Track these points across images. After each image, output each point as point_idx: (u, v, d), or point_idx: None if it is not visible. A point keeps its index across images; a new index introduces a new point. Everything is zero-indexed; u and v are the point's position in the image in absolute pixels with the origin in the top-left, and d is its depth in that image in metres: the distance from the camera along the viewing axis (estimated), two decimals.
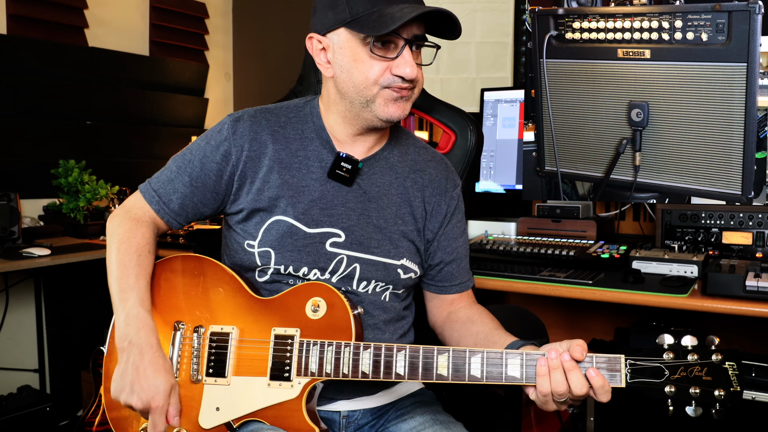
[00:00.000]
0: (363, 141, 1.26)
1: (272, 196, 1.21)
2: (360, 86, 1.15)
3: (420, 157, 1.34)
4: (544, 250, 1.91)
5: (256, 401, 1.14)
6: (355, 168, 1.23)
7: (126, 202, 1.29)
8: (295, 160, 1.23)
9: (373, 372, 1.08)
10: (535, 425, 2.47)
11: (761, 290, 1.49)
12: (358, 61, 1.14)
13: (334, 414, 1.25)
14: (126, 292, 1.16)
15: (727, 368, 0.95)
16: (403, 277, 1.28)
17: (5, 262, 2.17)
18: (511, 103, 2.36)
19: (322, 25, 1.18)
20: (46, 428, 2.60)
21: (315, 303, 1.15)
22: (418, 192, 1.30)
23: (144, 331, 1.12)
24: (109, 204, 2.82)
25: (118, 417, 1.23)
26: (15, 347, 2.80)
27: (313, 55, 1.22)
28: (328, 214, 1.22)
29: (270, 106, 1.29)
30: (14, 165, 2.74)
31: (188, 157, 1.25)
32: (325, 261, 1.22)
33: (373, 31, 1.10)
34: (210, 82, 3.67)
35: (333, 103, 1.23)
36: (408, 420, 1.25)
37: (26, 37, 2.76)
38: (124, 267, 1.18)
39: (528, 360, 1.02)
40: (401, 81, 1.14)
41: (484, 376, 1.03)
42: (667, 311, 2.09)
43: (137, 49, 3.28)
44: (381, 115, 1.17)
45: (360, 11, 1.12)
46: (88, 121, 3.04)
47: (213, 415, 1.16)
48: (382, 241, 1.25)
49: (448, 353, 1.05)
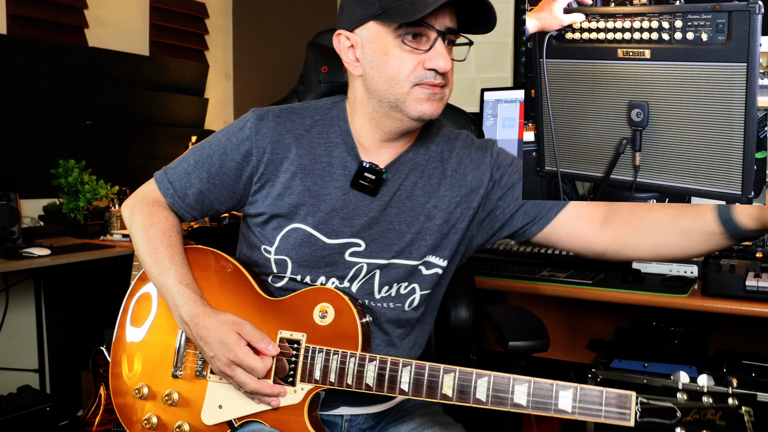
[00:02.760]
0: (390, 147, 1.19)
1: (293, 203, 1.17)
2: (391, 82, 1.08)
3: (447, 146, 1.24)
4: (544, 250, 1.91)
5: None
6: (380, 178, 1.16)
7: (140, 190, 1.26)
8: (317, 166, 1.18)
9: (377, 385, 1.06)
10: (535, 426, 2.47)
11: (761, 290, 1.49)
12: (389, 55, 1.08)
13: (336, 417, 1.24)
14: (163, 275, 1.16)
15: (743, 414, 0.92)
16: (426, 273, 1.21)
17: (5, 262, 2.17)
18: (511, 103, 2.36)
19: (350, 20, 1.12)
20: (46, 428, 2.60)
21: (323, 309, 1.13)
22: (447, 180, 1.21)
23: (188, 306, 1.13)
24: (109, 204, 2.82)
25: (124, 403, 1.25)
26: (15, 347, 2.79)
27: (340, 53, 1.15)
28: (349, 224, 1.17)
29: (296, 106, 1.23)
30: (14, 165, 2.74)
31: (207, 152, 1.21)
32: (343, 270, 1.18)
33: (404, 17, 1.04)
34: (210, 82, 3.67)
35: (360, 105, 1.17)
36: (408, 421, 1.24)
37: (26, 37, 2.76)
38: (155, 251, 1.18)
39: (536, 388, 0.98)
40: (434, 76, 1.08)
41: (489, 401, 0.99)
42: (667, 311, 2.09)
43: (137, 49, 3.28)
44: (412, 113, 1.10)
45: (390, 2, 1.06)
46: (88, 121, 3.04)
47: (215, 412, 1.17)
48: (402, 244, 1.19)
49: (454, 373, 1.01)
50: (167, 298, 1.17)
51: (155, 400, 1.22)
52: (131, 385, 1.24)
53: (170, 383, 1.21)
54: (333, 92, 1.71)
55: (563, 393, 0.96)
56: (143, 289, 1.29)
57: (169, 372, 1.22)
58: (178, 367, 1.21)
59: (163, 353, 1.23)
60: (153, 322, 1.26)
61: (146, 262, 1.19)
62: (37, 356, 2.87)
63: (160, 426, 1.20)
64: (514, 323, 1.61)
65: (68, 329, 2.92)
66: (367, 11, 1.09)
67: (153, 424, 1.20)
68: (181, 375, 1.21)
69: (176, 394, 1.20)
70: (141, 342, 1.26)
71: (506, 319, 1.63)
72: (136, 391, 1.23)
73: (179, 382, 1.21)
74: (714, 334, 2.09)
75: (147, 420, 1.21)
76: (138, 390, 1.23)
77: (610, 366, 1.95)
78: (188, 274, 1.18)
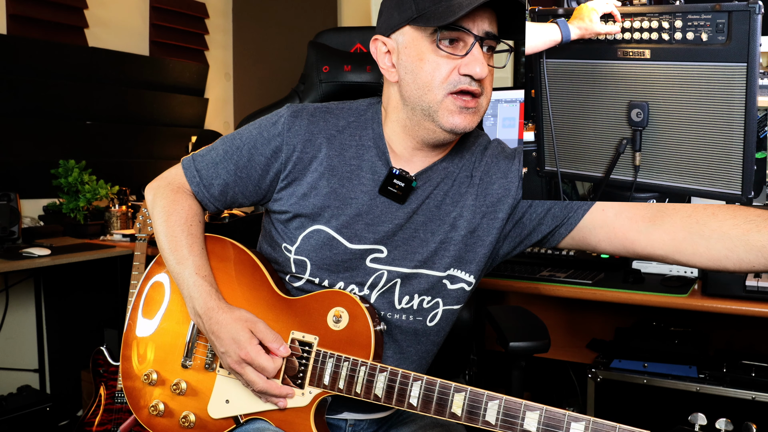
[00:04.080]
0: (422, 156, 1.15)
1: (318, 204, 1.14)
2: (424, 88, 1.05)
3: (479, 154, 1.19)
4: (544, 250, 1.91)
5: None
6: (409, 186, 1.12)
7: (166, 174, 1.25)
8: (347, 169, 1.15)
9: (385, 397, 1.05)
10: None
11: (761, 290, 1.49)
12: (423, 60, 1.04)
13: (340, 422, 1.23)
14: (180, 264, 1.16)
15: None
16: (451, 287, 1.17)
17: (5, 262, 2.17)
18: (511, 103, 2.36)
19: (387, 26, 1.10)
20: (46, 428, 2.60)
21: (337, 314, 1.11)
22: (473, 189, 1.17)
23: (203, 298, 1.13)
24: (109, 204, 2.82)
25: (132, 387, 1.26)
26: (15, 347, 2.80)
27: (377, 59, 1.12)
28: (373, 231, 1.14)
29: (331, 106, 1.20)
30: (14, 165, 2.74)
31: (237, 143, 1.19)
32: (363, 276, 1.15)
33: (440, 20, 1.00)
34: (210, 82, 3.67)
35: (393, 111, 1.13)
36: (410, 423, 1.24)
37: (26, 37, 2.76)
38: (175, 238, 1.17)
39: (547, 416, 0.94)
40: (469, 82, 1.04)
41: (498, 425, 0.97)
42: (667, 311, 2.09)
43: (137, 49, 3.28)
44: (444, 124, 1.06)
45: (427, 6, 1.02)
46: (88, 121, 3.04)
47: (222, 406, 1.17)
48: (426, 253, 1.15)
49: (465, 393, 1.00)
50: (182, 288, 1.16)
51: (163, 387, 1.22)
52: (141, 369, 1.25)
53: (179, 372, 1.21)
54: (335, 92, 1.71)
55: (575, 424, 0.93)
56: (158, 274, 1.29)
57: (179, 361, 1.22)
58: (188, 358, 1.21)
59: (175, 341, 1.23)
60: (167, 309, 1.26)
61: (165, 249, 1.18)
62: (37, 356, 2.87)
63: (166, 413, 1.21)
64: (515, 324, 1.61)
65: (68, 329, 2.92)
66: (403, 15, 1.06)
67: (160, 410, 1.21)
68: (191, 366, 1.21)
69: (184, 383, 1.20)
70: (154, 328, 1.26)
71: (507, 320, 1.63)
72: (146, 377, 1.23)
73: (188, 373, 1.21)
74: (714, 334, 2.09)
75: (154, 406, 1.21)
76: (147, 376, 1.23)
77: (610, 366, 1.95)
78: (206, 265, 1.17)
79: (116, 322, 2.64)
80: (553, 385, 2.49)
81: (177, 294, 1.24)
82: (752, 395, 1.71)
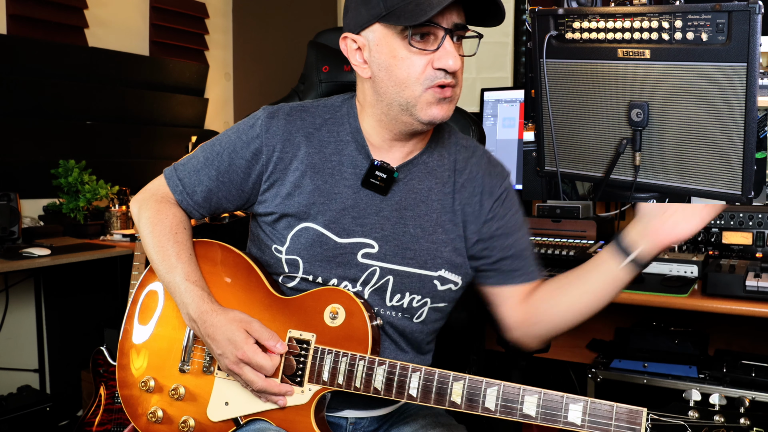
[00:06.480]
0: (400, 146, 1.17)
1: (303, 202, 1.15)
2: (402, 85, 1.06)
3: (461, 156, 1.22)
4: (544, 250, 1.91)
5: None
6: (391, 177, 1.15)
7: (149, 186, 1.26)
8: (328, 165, 1.16)
9: (385, 389, 1.06)
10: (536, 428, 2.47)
11: (761, 290, 1.49)
12: (397, 58, 1.05)
13: (341, 420, 1.23)
14: (170, 272, 1.16)
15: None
16: (441, 288, 1.19)
17: (5, 262, 2.17)
18: (511, 103, 2.36)
19: (355, 23, 1.10)
20: (46, 428, 2.60)
21: (334, 310, 1.12)
22: (458, 194, 1.20)
23: (195, 303, 1.13)
24: (109, 204, 2.82)
25: (130, 395, 1.25)
26: (15, 347, 2.79)
27: (347, 56, 1.13)
28: (360, 223, 1.16)
29: (307, 104, 1.22)
30: (14, 165, 2.74)
31: (217, 149, 1.20)
32: (356, 272, 1.16)
33: (410, 20, 1.01)
34: (210, 82, 3.67)
35: (369, 106, 1.15)
36: (411, 423, 1.24)
37: (26, 37, 2.76)
38: (162, 248, 1.18)
39: (545, 399, 0.97)
40: (444, 76, 1.05)
41: (498, 410, 0.99)
42: (667, 311, 2.09)
43: (137, 49, 3.28)
44: (423, 118, 1.08)
45: (395, 3, 1.03)
46: (88, 121, 3.04)
47: (222, 408, 1.17)
48: (418, 251, 1.16)
49: (464, 381, 1.01)
50: (175, 296, 1.17)
51: (161, 393, 1.22)
52: (138, 377, 1.24)
53: (177, 377, 1.21)
54: (334, 92, 1.71)
55: (573, 406, 0.96)
56: (153, 281, 1.29)
57: (177, 366, 1.22)
58: (186, 362, 1.21)
59: (171, 347, 1.23)
60: (161, 316, 1.26)
61: (154, 259, 1.19)
62: (37, 356, 2.86)
63: (165, 420, 1.20)
64: None
65: (68, 329, 2.92)
66: (371, 12, 1.06)
67: (158, 417, 1.20)
68: (188, 370, 1.21)
69: (183, 388, 1.20)
70: (149, 335, 1.26)
71: None
72: (143, 384, 1.23)
73: (186, 377, 1.21)
74: (714, 334, 2.09)
75: (152, 413, 1.21)
76: (144, 383, 1.23)
77: (610, 366, 1.95)
78: (195, 271, 1.18)
79: (116, 322, 2.63)
80: (553, 385, 2.48)
81: (171, 300, 1.24)
82: (752, 395, 1.71)
